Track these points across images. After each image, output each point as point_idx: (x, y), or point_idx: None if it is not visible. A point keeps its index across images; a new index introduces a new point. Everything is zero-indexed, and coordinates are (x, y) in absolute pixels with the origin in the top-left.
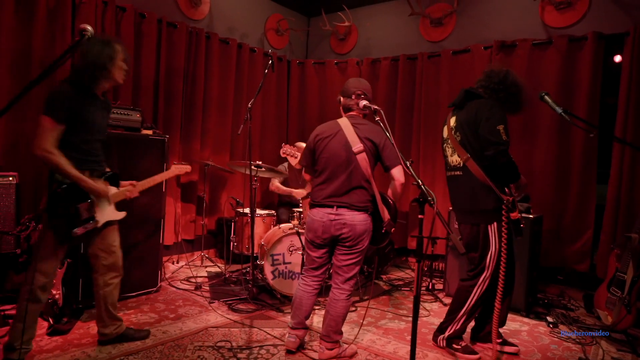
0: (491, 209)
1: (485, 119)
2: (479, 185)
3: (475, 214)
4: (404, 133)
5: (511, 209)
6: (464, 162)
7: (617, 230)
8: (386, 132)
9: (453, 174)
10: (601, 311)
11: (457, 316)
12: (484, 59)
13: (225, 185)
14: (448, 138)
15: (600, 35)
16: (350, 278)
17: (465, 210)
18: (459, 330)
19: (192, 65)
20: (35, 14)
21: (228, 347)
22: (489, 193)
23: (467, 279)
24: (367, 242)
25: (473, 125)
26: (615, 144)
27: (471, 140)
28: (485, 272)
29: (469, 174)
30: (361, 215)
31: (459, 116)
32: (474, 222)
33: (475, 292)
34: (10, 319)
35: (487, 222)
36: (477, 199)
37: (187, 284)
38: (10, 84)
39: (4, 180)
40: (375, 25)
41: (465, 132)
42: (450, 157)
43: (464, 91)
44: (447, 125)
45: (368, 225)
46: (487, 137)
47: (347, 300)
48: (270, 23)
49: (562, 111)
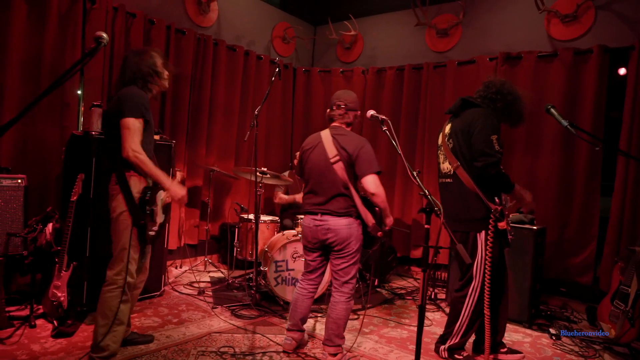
0: (480, 218)
1: (479, 128)
2: (468, 193)
3: (464, 222)
4: (408, 143)
5: (499, 219)
6: (454, 170)
7: (621, 243)
8: (393, 141)
9: (444, 181)
10: (604, 324)
11: (454, 327)
12: (489, 70)
13: (230, 191)
14: (442, 145)
15: (605, 48)
16: (348, 281)
17: (455, 217)
18: (460, 341)
19: (199, 72)
20: (47, 19)
21: (231, 353)
22: (479, 202)
23: (458, 289)
24: (356, 246)
25: (467, 134)
26: (620, 156)
27: (463, 149)
28: (474, 282)
29: (459, 181)
30: (344, 219)
31: (454, 124)
32: (463, 229)
33: (468, 302)
34: (16, 320)
35: (476, 230)
36: (466, 207)
37: (191, 289)
38: (21, 89)
39: (12, 183)
40: (381, 34)
41: (458, 140)
42: (442, 164)
43: (461, 99)
44: (442, 132)
45: (353, 229)
46: (479, 146)
47: (346, 302)
48: (277, 31)
49: (568, 124)
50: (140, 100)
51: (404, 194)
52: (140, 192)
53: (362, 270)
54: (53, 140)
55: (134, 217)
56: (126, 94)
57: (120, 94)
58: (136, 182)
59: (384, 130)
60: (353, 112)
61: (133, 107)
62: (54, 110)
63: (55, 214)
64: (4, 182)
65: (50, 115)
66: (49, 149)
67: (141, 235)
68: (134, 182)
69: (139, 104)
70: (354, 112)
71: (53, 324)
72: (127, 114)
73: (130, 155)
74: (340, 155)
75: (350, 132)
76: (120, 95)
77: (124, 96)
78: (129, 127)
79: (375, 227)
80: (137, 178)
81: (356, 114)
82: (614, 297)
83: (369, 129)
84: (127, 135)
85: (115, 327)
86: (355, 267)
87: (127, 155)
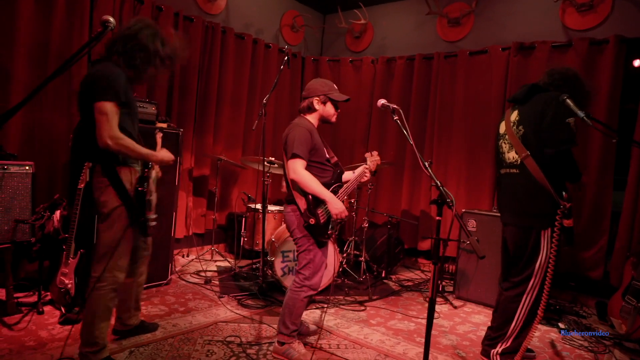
0: (547, 213)
1: (552, 113)
2: (536, 185)
3: (528, 217)
4: (418, 133)
5: (567, 215)
6: (522, 160)
7: (633, 238)
8: (404, 131)
9: (508, 171)
10: (615, 320)
11: (508, 329)
12: (501, 61)
13: (237, 180)
14: (505, 133)
15: (622, 38)
16: (298, 270)
17: (516, 211)
18: (513, 344)
19: (207, 60)
20: (54, 6)
21: (237, 343)
22: (546, 196)
23: (511, 287)
24: (300, 234)
25: (540, 118)
26: (634, 150)
27: (535, 135)
28: (534, 279)
29: (526, 172)
30: (289, 207)
31: (522, 110)
32: (525, 225)
33: (525, 302)
34: (24, 307)
35: (541, 226)
36: (532, 200)
37: (197, 278)
38: (29, 75)
39: (20, 170)
40: (392, 23)
41: (529, 126)
42: (507, 154)
43: (528, 86)
44: (506, 120)
45: (295, 217)
46: (554, 132)
47: (292, 291)
48: (286, 19)
49: (585, 115)
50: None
51: (412, 185)
52: (133, 183)
53: (369, 261)
54: (61, 127)
55: (133, 214)
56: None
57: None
58: (127, 173)
59: (395, 120)
60: (307, 99)
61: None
62: (62, 97)
63: (62, 201)
64: (12, 169)
65: (58, 102)
66: (56, 137)
67: (142, 229)
68: (125, 173)
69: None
70: (307, 99)
71: (60, 310)
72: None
73: (110, 144)
74: (283, 142)
75: (298, 119)
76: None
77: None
78: (106, 112)
79: (306, 213)
80: (128, 169)
81: (310, 101)
82: (625, 293)
83: (377, 120)
84: (103, 122)
85: (102, 323)
86: (306, 257)
87: (105, 144)
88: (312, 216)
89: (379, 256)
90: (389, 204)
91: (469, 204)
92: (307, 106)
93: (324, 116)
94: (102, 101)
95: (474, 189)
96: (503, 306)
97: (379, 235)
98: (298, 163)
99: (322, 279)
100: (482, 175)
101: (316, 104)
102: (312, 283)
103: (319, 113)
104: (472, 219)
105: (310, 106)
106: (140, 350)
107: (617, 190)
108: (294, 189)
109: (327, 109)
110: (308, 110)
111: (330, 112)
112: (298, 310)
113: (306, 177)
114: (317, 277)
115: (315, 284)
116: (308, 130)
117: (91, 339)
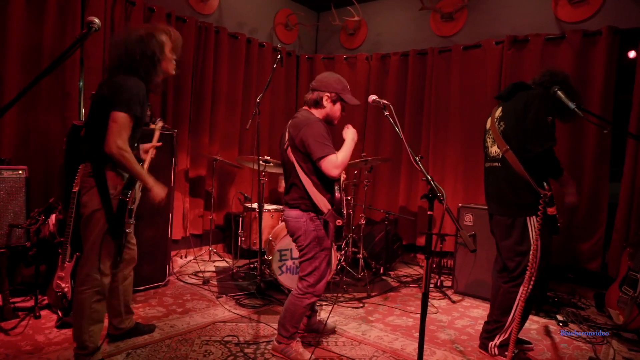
0: (530, 203)
1: (534, 110)
2: (517, 177)
3: (514, 206)
4: (413, 129)
5: (549, 204)
6: (503, 154)
7: (630, 228)
8: (395, 126)
9: (492, 164)
10: (613, 310)
11: (506, 321)
12: (495, 54)
13: (234, 180)
14: (490, 129)
15: (615, 29)
16: (302, 277)
17: (501, 201)
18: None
19: (201, 60)
20: (46, 7)
21: (235, 342)
22: (528, 187)
23: (509, 280)
24: (306, 241)
25: (521, 115)
26: (629, 141)
27: (514, 131)
28: (529, 271)
29: (507, 165)
30: (293, 212)
31: (505, 106)
32: (511, 214)
33: (522, 292)
34: (21, 311)
35: (526, 214)
36: (515, 191)
37: (195, 279)
38: (21, 78)
39: (14, 174)
40: (385, 20)
41: (509, 122)
42: (490, 148)
43: (513, 84)
44: (492, 116)
45: (301, 223)
46: (534, 129)
47: (296, 297)
48: (280, 18)
49: (575, 106)
50: (135, 92)
51: (409, 181)
52: (117, 189)
53: (367, 258)
54: (55, 130)
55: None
56: (122, 85)
57: (115, 81)
58: (113, 177)
59: (386, 116)
60: (317, 91)
61: (126, 101)
62: (56, 100)
63: (58, 205)
64: (5, 174)
65: (52, 105)
66: (51, 140)
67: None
68: (110, 177)
69: (133, 98)
70: (317, 92)
71: (57, 314)
72: (118, 107)
73: (114, 152)
74: (289, 140)
75: (305, 112)
76: (115, 83)
77: (120, 86)
78: (118, 121)
79: (332, 213)
80: (114, 174)
81: (320, 95)
82: (622, 283)
83: (373, 116)
84: (114, 129)
85: (91, 327)
86: (312, 265)
87: (110, 150)
88: (339, 217)
89: (377, 253)
90: (386, 201)
91: (466, 198)
92: (316, 100)
93: (330, 116)
94: (120, 112)
95: (471, 183)
96: (501, 298)
97: (377, 232)
98: (332, 158)
99: (326, 284)
100: (478, 169)
101: (326, 100)
102: (316, 290)
103: (326, 111)
104: (469, 214)
105: (318, 101)
106: (137, 352)
107: (613, 182)
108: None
109: (335, 109)
110: (315, 105)
111: (337, 114)
112: (299, 315)
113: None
114: (322, 283)
115: (319, 290)
116: (322, 122)
117: (81, 342)
